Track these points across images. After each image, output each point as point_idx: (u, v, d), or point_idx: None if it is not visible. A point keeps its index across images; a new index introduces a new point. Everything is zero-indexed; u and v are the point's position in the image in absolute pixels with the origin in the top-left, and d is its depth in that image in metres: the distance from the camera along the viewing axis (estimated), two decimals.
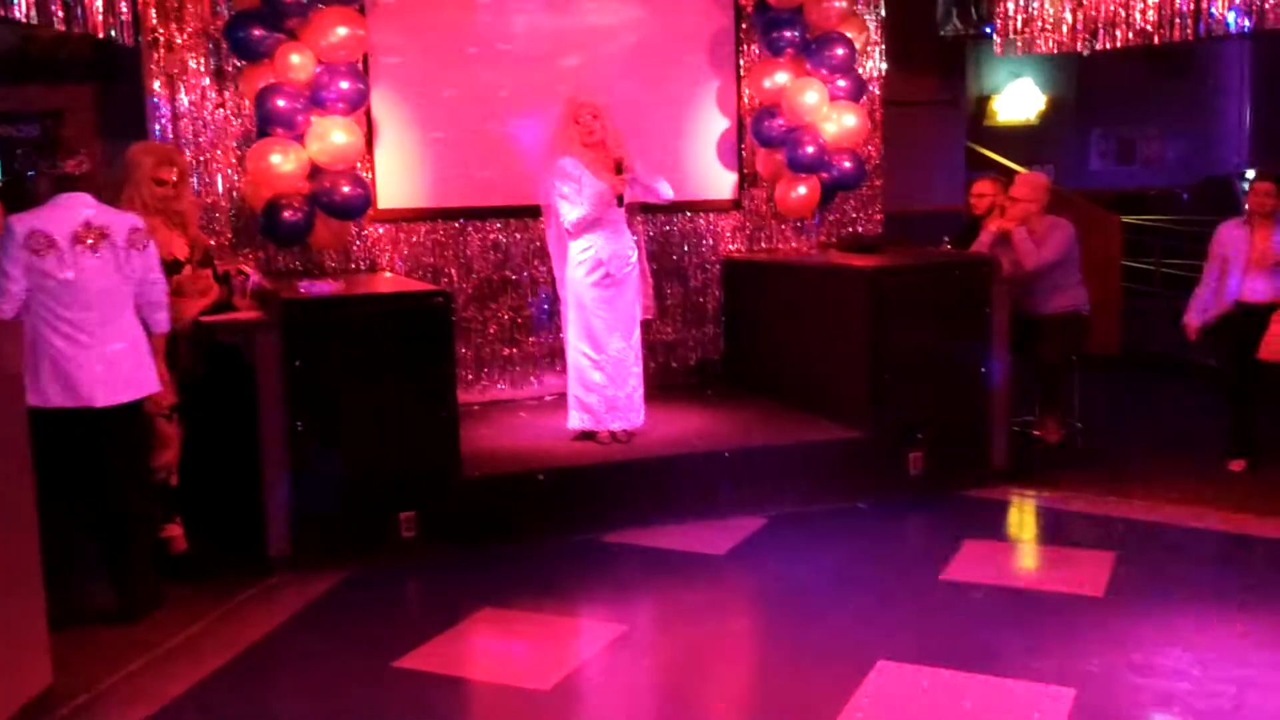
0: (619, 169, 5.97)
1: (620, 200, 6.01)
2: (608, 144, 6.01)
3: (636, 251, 6.21)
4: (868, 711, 3.84)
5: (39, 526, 4.01)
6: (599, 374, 6.12)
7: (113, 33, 6.02)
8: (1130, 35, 7.31)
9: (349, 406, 5.30)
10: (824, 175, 7.42)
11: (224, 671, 4.29)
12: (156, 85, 6.47)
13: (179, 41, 6.47)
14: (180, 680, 4.20)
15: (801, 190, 7.44)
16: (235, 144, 6.61)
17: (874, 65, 7.84)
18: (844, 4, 7.31)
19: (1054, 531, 5.91)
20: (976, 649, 4.29)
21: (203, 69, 6.53)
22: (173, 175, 5.16)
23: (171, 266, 5.14)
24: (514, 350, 7.27)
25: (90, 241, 4.53)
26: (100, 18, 5.83)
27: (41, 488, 4.06)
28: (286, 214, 6.30)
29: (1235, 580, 5.01)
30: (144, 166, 5.09)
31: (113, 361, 4.59)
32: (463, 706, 4.17)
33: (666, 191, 6.20)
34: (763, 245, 7.76)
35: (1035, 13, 7.69)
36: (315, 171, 6.36)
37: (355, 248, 6.88)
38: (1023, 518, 6.13)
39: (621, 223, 6.11)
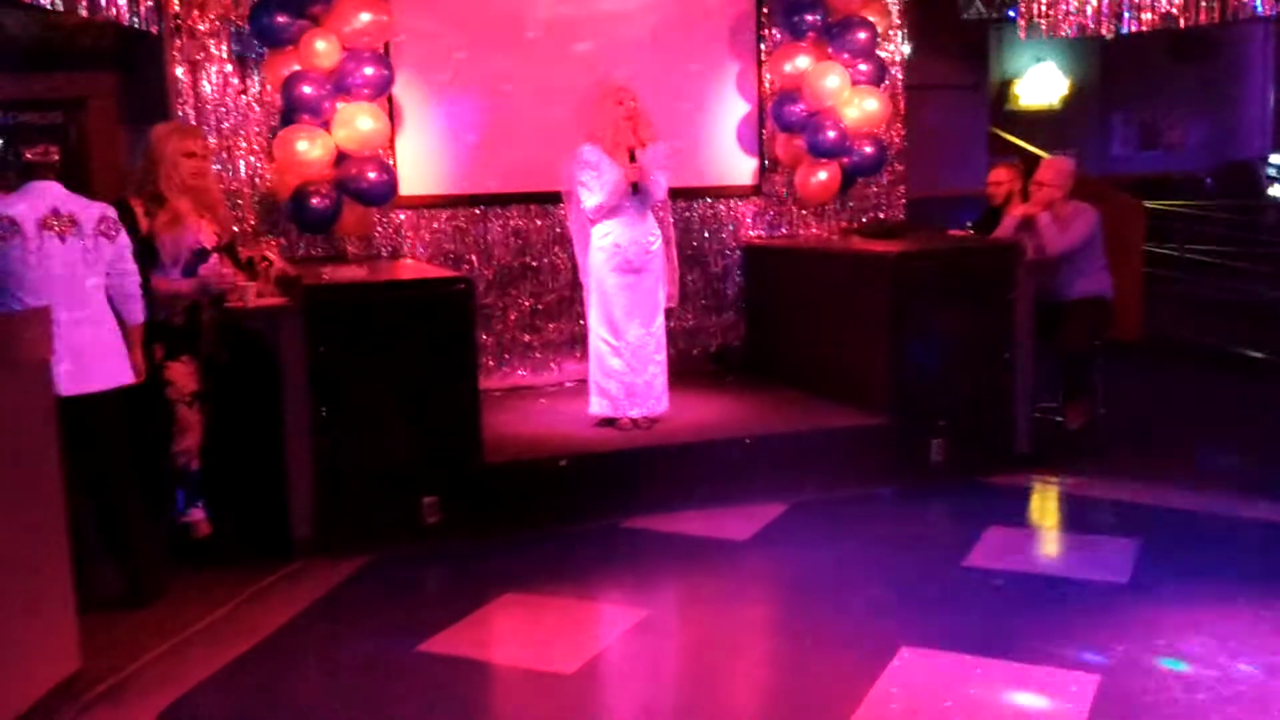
0: (633, 156, 5.97)
1: (635, 188, 6.00)
2: (638, 130, 6.01)
3: (659, 239, 6.19)
4: (891, 697, 3.83)
5: None
6: (618, 360, 6.12)
7: (135, 20, 6.04)
8: (1155, 19, 7.24)
9: (372, 392, 5.32)
10: (845, 160, 7.38)
11: (248, 657, 4.31)
12: (179, 72, 6.49)
13: (201, 28, 6.49)
14: (204, 665, 4.22)
15: (822, 175, 7.41)
16: (258, 130, 6.64)
17: (896, 49, 7.79)
18: None
19: (1077, 518, 5.88)
20: (1000, 635, 4.27)
21: (225, 55, 6.55)
22: (199, 147, 5.20)
23: (199, 254, 5.16)
24: (534, 337, 7.28)
25: (57, 229, 4.44)
26: (123, 4, 5.84)
27: None
28: (314, 201, 6.31)
29: (1261, 567, 4.98)
30: (171, 144, 5.10)
31: (79, 351, 4.49)
32: (488, 690, 4.19)
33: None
34: (783, 231, 7.74)
35: None
36: (341, 158, 6.37)
37: (377, 234, 6.89)
38: (1045, 504, 6.11)
39: (643, 209, 6.10)
